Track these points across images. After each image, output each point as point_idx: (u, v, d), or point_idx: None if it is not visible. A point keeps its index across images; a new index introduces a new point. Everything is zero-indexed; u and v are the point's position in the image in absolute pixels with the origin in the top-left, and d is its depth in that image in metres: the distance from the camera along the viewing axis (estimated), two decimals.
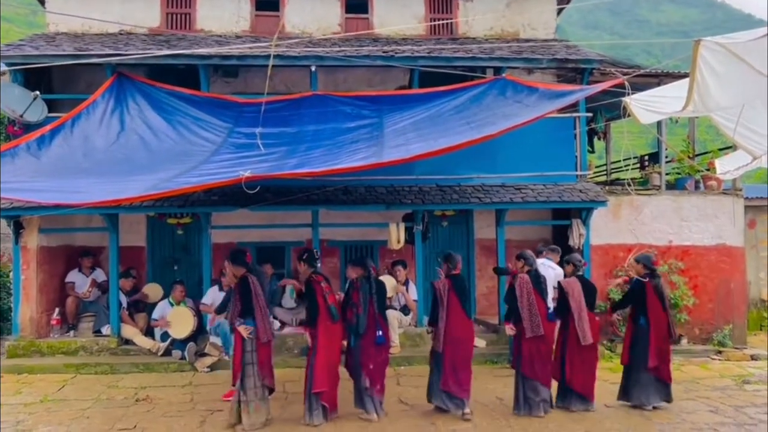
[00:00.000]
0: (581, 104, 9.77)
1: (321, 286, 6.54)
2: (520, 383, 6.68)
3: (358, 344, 6.56)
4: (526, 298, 6.60)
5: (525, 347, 6.61)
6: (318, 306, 6.46)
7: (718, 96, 3.98)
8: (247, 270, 6.38)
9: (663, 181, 10.44)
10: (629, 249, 9.76)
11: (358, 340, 6.56)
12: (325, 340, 6.43)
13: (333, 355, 6.50)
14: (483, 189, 9.70)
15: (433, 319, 6.76)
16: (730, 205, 10.32)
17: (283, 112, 8.79)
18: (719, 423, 6.44)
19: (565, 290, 6.82)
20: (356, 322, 6.50)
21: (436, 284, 6.78)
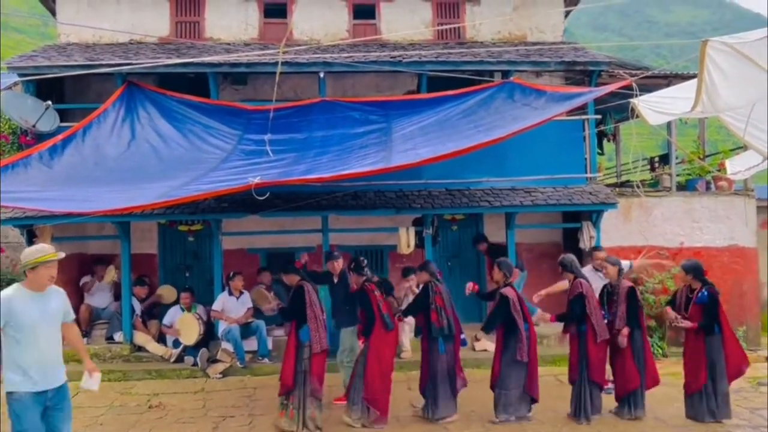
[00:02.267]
0: (590, 106, 9.75)
1: (375, 295, 6.56)
2: (585, 389, 6.54)
3: (449, 348, 6.58)
4: (592, 303, 6.54)
5: (593, 352, 6.51)
6: (374, 314, 6.47)
7: (727, 96, 3.97)
8: (301, 278, 6.51)
9: (674, 183, 10.38)
10: (639, 251, 9.70)
11: (448, 343, 6.55)
12: (378, 349, 6.46)
13: (385, 364, 6.52)
14: (493, 192, 9.69)
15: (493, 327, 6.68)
16: (742, 205, 10.24)
17: (291, 118, 8.85)
18: (734, 425, 6.38)
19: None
20: (447, 325, 6.52)
21: (507, 293, 6.58)
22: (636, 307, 6.66)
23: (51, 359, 4.38)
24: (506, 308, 6.45)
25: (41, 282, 4.31)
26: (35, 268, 4.26)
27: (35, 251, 4.34)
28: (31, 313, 4.25)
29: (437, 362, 6.53)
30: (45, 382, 4.31)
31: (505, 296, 6.51)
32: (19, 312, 4.20)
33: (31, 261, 4.26)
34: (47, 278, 4.32)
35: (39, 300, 4.33)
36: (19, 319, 4.20)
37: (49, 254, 4.33)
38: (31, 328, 4.24)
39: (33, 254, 4.32)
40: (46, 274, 4.30)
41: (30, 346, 4.24)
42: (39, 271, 4.27)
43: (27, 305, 4.25)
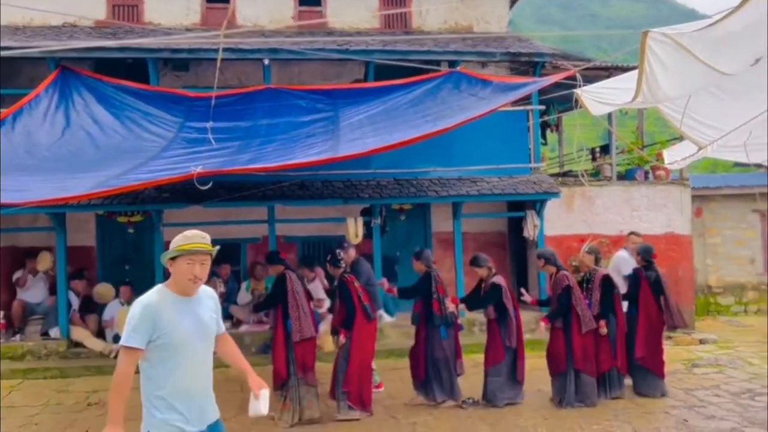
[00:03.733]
0: (534, 97, 9.90)
1: (355, 286, 6.51)
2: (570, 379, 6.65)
3: (450, 334, 6.67)
4: (577, 295, 6.68)
5: (578, 343, 6.62)
6: (354, 306, 6.41)
7: (666, 86, 4.06)
8: (285, 267, 6.46)
9: (614, 172, 10.68)
10: (582, 239, 9.89)
11: (449, 329, 6.65)
12: (359, 340, 6.41)
13: (366, 355, 6.50)
14: (440, 182, 9.74)
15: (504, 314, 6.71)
16: (678, 194, 10.63)
17: (235, 106, 8.63)
18: (670, 406, 6.63)
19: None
20: (448, 313, 6.62)
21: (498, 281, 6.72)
22: (611, 294, 6.87)
23: (205, 387, 3.20)
24: (498, 295, 6.62)
25: (182, 281, 3.07)
26: (176, 259, 3.06)
27: (180, 238, 3.11)
28: (182, 325, 3.04)
29: (440, 349, 6.63)
30: (201, 419, 3.13)
31: (498, 284, 6.68)
32: (167, 324, 2.99)
33: (171, 251, 3.07)
34: (188, 276, 3.05)
35: (189, 306, 3.12)
36: (168, 333, 2.99)
37: (194, 243, 3.06)
38: (183, 346, 3.04)
39: (176, 241, 3.10)
40: (186, 271, 3.04)
41: (180, 370, 3.03)
42: (180, 264, 3.05)
43: (176, 314, 3.05)
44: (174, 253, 3.04)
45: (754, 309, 12.52)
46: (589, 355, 6.72)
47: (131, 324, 2.97)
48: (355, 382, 6.35)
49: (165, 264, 3.13)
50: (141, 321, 2.95)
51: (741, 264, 12.56)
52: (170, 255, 3.06)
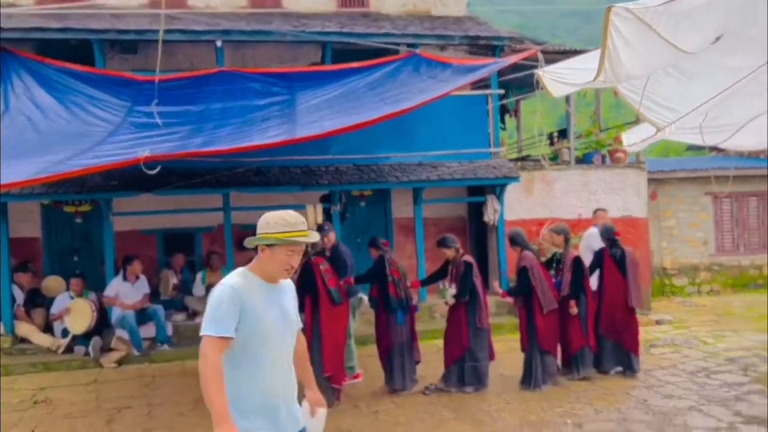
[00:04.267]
0: (493, 81, 9.84)
1: (319, 269, 6.35)
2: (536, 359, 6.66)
3: (406, 319, 6.58)
4: (537, 275, 6.68)
5: (540, 322, 6.64)
6: (317, 289, 6.28)
7: (628, 64, 3.99)
8: None
9: (572, 156, 10.72)
10: (541, 223, 9.96)
11: (406, 314, 6.56)
12: (329, 324, 6.29)
13: (338, 338, 6.39)
14: (400, 168, 9.61)
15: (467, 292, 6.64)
16: (635, 178, 10.75)
17: (187, 89, 8.30)
18: (630, 386, 6.68)
19: None
20: (404, 297, 6.55)
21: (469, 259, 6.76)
22: (581, 274, 6.93)
23: (293, 387, 2.79)
24: (470, 274, 6.55)
25: (275, 270, 2.68)
26: (273, 246, 2.63)
27: (280, 220, 2.65)
28: (269, 314, 2.66)
29: (396, 334, 6.54)
30: (291, 425, 2.72)
31: (469, 262, 6.66)
32: (253, 312, 2.59)
33: (271, 234, 2.62)
34: (284, 267, 2.67)
35: (274, 295, 2.73)
36: (255, 323, 2.59)
37: (299, 232, 2.66)
38: (269, 339, 2.64)
39: (275, 224, 2.64)
40: (284, 261, 2.65)
41: (266, 367, 2.63)
42: (278, 253, 2.63)
43: (263, 302, 2.65)
44: (273, 240, 2.61)
45: (707, 289, 12.82)
46: (553, 335, 6.76)
47: (219, 308, 2.53)
48: (334, 365, 6.26)
49: (250, 245, 2.71)
50: (230, 305, 2.53)
51: (694, 246, 12.83)
52: (268, 242, 2.62)
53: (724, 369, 7.23)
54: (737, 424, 5.41)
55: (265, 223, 2.67)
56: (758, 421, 5.45)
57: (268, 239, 2.63)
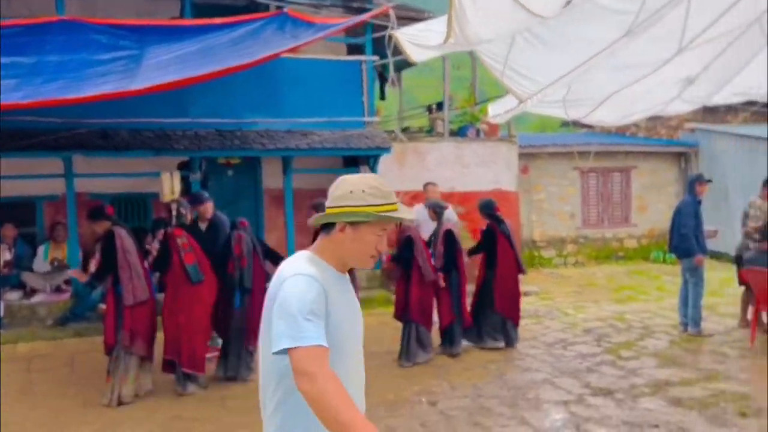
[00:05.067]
0: (367, 47, 9.47)
1: (177, 243, 5.70)
2: (411, 330, 6.54)
3: (245, 302, 5.97)
4: (419, 246, 6.56)
5: (415, 293, 6.53)
6: (170, 263, 5.68)
7: (478, 27, 3.76)
8: (112, 223, 5.59)
9: (446, 128, 10.63)
10: (414, 196, 9.80)
11: (245, 296, 5.98)
12: (175, 302, 5.68)
13: (199, 321, 5.77)
14: (268, 134, 9.06)
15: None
16: (506, 151, 10.84)
17: (19, 38, 7.26)
18: (489, 360, 6.67)
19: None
20: (240, 277, 5.95)
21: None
22: (453, 248, 6.82)
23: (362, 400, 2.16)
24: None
25: (358, 256, 2.01)
26: (359, 225, 1.95)
27: (371, 189, 1.94)
28: (346, 312, 2.02)
29: (231, 318, 6.02)
30: None
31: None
32: (333, 311, 1.94)
33: (360, 208, 1.92)
34: (371, 252, 2.01)
35: (346, 287, 2.09)
36: (334, 325, 1.93)
37: (394, 203, 1.98)
38: (347, 343, 2.00)
39: (366, 194, 1.93)
40: (372, 243, 1.99)
41: (345, 371, 1.97)
42: (365, 233, 1.96)
43: (339, 297, 1.99)
44: (364, 216, 1.90)
45: (573, 261, 13.34)
46: (426, 308, 6.65)
47: (306, 308, 1.82)
48: (181, 348, 5.66)
49: (320, 223, 1.99)
50: (318, 303, 1.86)
51: (562, 219, 13.28)
52: (356, 217, 1.91)
53: (580, 340, 7.42)
54: (585, 396, 5.48)
55: (348, 192, 1.92)
56: (605, 393, 5.56)
57: (356, 214, 1.90)
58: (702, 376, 5.94)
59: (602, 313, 8.84)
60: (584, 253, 13.45)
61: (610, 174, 13.71)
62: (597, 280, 11.60)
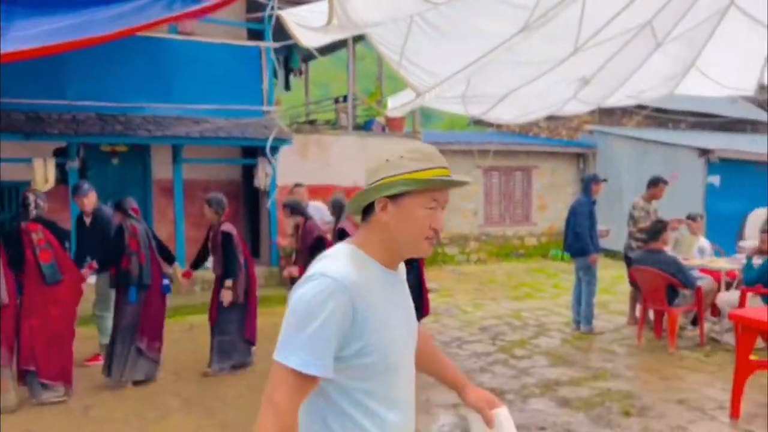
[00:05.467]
0: (266, 33, 9.03)
1: (33, 238, 5.04)
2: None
3: (141, 298, 5.50)
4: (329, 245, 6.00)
5: None
6: (23, 261, 5.04)
7: (362, 9, 3.50)
8: None
9: (350, 121, 10.36)
10: (316, 190, 9.47)
11: (142, 292, 5.57)
12: (31, 304, 5.07)
13: (56, 326, 5.16)
14: (155, 120, 8.46)
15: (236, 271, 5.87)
16: None
17: None
18: None
19: None
20: (140, 273, 5.45)
21: (228, 228, 5.88)
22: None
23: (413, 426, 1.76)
24: (232, 247, 5.82)
25: (411, 240, 1.57)
26: (403, 197, 1.53)
27: (412, 153, 1.57)
28: (394, 321, 1.59)
29: (124, 315, 5.53)
30: None
31: (228, 232, 5.86)
32: (374, 323, 1.50)
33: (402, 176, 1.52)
34: (425, 233, 1.56)
35: (396, 287, 1.66)
36: (377, 341, 1.51)
37: (442, 167, 1.58)
38: (394, 359, 1.57)
39: (406, 160, 1.54)
40: (425, 220, 1.55)
41: (389, 402, 1.59)
42: (413, 208, 1.53)
43: (385, 302, 1.57)
44: (407, 185, 1.51)
45: (475, 258, 13.46)
46: None
47: (312, 323, 1.43)
48: (36, 355, 5.07)
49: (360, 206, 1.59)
50: (332, 323, 1.44)
51: (466, 216, 13.36)
52: (397, 188, 1.51)
53: (476, 339, 7.36)
54: None
55: (383, 162, 1.54)
56: (496, 394, 5.41)
57: (395, 184, 1.50)
58: (590, 375, 5.98)
59: (500, 310, 8.87)
60: (486, 251, 13.60)
61: (512, 173, 13.92)
62: (497, 278, 11.72)
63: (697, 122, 16.72)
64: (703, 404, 5.15)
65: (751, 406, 5.07)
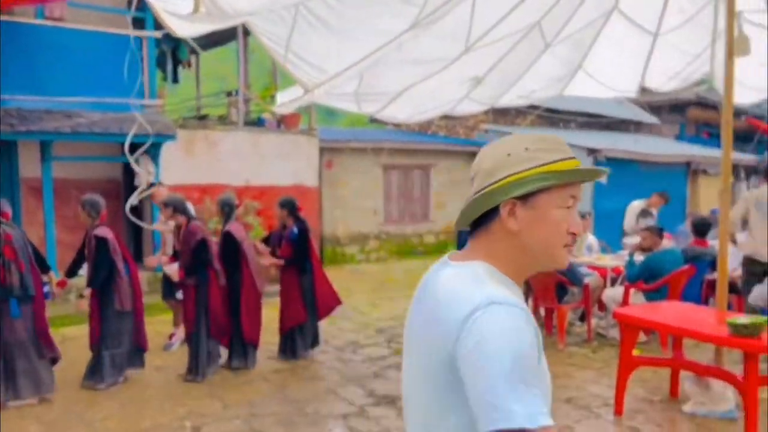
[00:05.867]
0: (148, 22, 8.41)
1: None
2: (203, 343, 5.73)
3: (27, 311, 5.04)
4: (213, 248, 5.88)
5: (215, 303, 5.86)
6: None
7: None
8: None
9: (241, 117, 9.90)
10: (205, 189, 8.99)
11: (26, 304, 5.03)
12: None
13: None
14: (20, 114, 7.66)
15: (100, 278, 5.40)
16: (307, 145, 10.39)
17: None
18: (273, 371, 6.15)
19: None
20: (21, 283, 4.96)
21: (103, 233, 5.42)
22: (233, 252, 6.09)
23: None
24: (105, 253, 5.36)
25: (549, 248, 1.27)
26: (533, 199, 1.24)
27: (541, 142, 1.26)
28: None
29: (11, 331, 4.94)
30: None
31: (102, 237, 5.39)
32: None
33: (536, 170, 1.23)
34: (563, 240, 1.27)
35: None
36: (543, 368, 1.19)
37: (573, 157, 1.26)
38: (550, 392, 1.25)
39: (534, 151, 1.24)
40: (564, 223, 1.26)
41: None
42: (549, 209, 1.25)
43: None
44: (542, 179, 1.25)
45: (375, 257, 13.36)
46: (221, 319, 5.96)
47: (525, 364, 1.10)
48: None
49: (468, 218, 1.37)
50: (534, 353, 1.15)
51: (365, 215, 13.21)
52: (531, 186, 1.24)
53: (371, 342, 7.20)
54: (367, 407, 5.18)
55: (504, 157, 1.29)
56: (387, 401, 5.29)
57: (530, 180, 1.25)
58: None
59: (397, 310, 8.75)
60: (386, 249, 13.53)
61: (411, 171, 13.92)
62: (396, 276, 11.65)
63: (586, 122, 17.49)
64: (589, 402, 5.23)
65: (635, 401, 5.20)
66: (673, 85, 7.33)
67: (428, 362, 1.22)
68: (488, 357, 1.09)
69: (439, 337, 1.17)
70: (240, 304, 6.06)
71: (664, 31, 6.45)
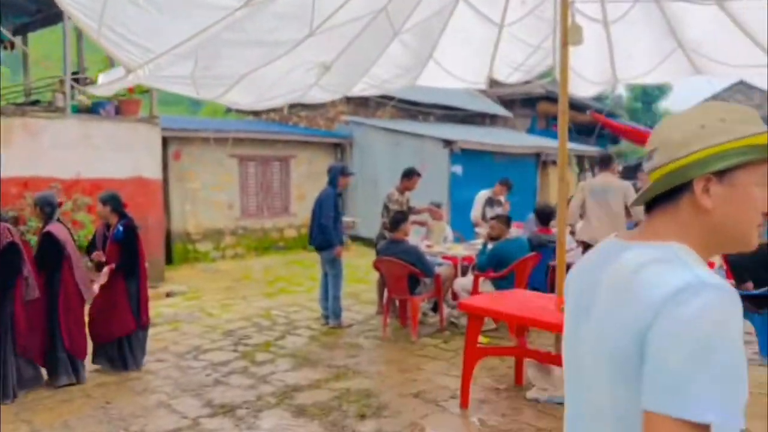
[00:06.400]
0: None
1: None
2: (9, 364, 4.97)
3: None
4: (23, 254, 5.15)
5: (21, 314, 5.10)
6: None
7: None
8: None
9: (68, 103, 8.85)
10: (25, 183, 7.97)
11: None
12: None
13: None
14: None
15: None
16: (147, 134, 9.57)
17: None
18: (100, 384, 5.49)
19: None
20: None
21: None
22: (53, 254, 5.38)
23: None
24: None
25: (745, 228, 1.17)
26: (730, 176, 1.15)
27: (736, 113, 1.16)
28: None
29: None
30: None
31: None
32: None
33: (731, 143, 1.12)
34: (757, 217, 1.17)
35: None
36: None
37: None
38: None
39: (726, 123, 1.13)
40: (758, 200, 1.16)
41: None
42: (745, 186, 1.15)
43: None
44: (745, 153, 1.15)
45: (232, 254, 12.70)
46: (35, 331, 5.18)
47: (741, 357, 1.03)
48: None
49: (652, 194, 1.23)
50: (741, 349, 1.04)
51: (220, 209, 12.50)
52: (728, 161, 1.15)
53: (216, 346, 6.70)
54: (202, 419, 4.73)
55: (698, 129, 1.17)
56: (226, 411, 4.88)
57: (730, 153, 1.15)
58: (332, 375, 5.70)
59: (249, 310, 8.30)
60: (244, 245, 12.93)
61: (269, 163, 13.40)
62: (253, 273, 11.14)
63: (444, 115, 17.87)
64: (437, 395, 5.14)
65: (482, 391, 5.19)
66: (517, 76, 7.47)
67: (612, 338, 1.14)
68: (696, 342, 1.01)
69: (632, 315, 1.10)
70: (59, 314, 5.34)
71: (509, 22, 6.52)
